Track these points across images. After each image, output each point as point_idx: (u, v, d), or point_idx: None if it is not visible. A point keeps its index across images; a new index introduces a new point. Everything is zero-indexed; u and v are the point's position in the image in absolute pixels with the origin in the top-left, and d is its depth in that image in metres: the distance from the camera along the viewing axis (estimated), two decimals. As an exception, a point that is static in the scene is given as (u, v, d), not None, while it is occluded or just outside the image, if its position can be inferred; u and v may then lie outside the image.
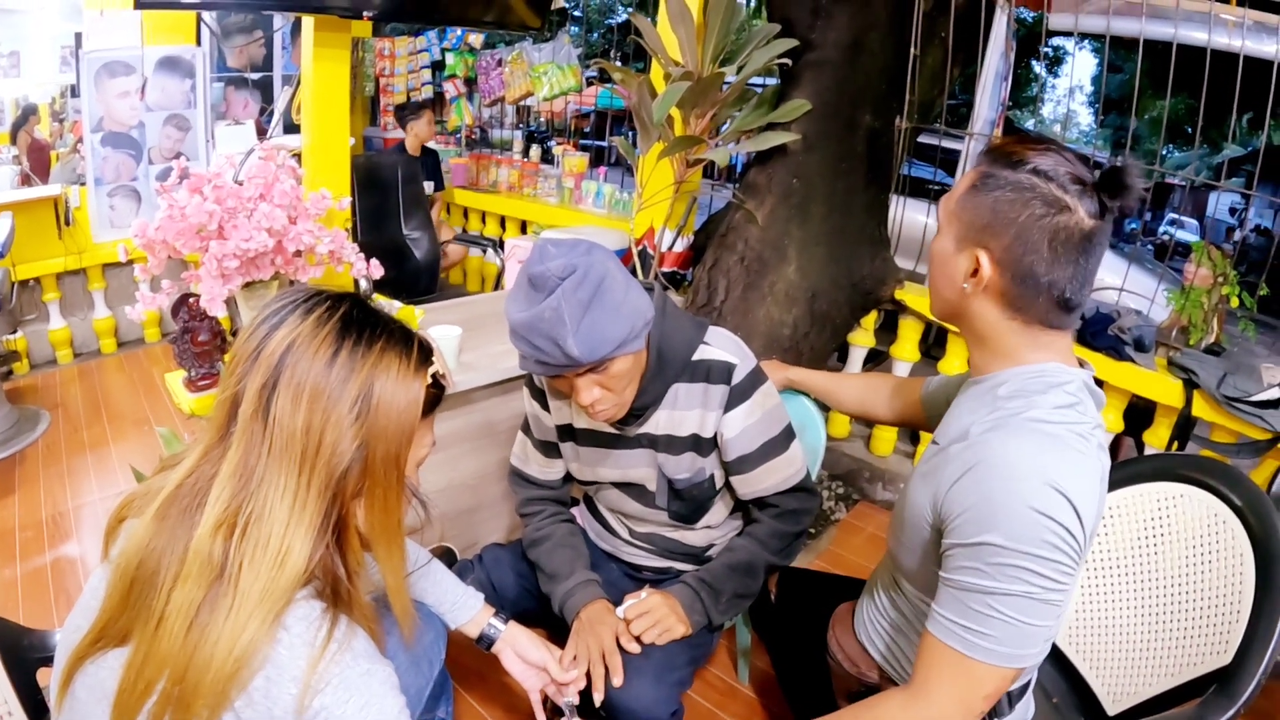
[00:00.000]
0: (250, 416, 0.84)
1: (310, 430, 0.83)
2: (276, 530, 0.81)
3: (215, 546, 0.80)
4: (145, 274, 1.86)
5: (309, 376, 0.84)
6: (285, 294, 0.91)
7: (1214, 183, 8.11)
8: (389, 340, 0.90)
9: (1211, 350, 2.51)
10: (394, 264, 2.35)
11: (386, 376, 0.87)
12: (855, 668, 1.37)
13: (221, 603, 0.79)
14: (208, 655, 0.77)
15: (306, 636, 0.81)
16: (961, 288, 1.08)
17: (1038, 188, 0.99)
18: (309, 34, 2.62)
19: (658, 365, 1.42)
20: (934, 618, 1.03)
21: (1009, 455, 0.98)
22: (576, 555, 1.61)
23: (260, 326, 0.87)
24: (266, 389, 0.84)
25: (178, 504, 0.84)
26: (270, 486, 0.82)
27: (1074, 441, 0.99)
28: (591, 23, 12.02)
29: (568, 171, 4.57)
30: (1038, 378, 1.05)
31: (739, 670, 2.07)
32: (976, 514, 0.98)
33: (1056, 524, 0.93)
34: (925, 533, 1.11)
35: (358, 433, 0.85)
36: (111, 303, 4.25)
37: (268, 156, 1.90)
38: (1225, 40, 2.42)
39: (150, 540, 0.82)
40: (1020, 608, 0.95)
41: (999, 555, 0.95)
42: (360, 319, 0.89)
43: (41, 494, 2.85)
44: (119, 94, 3.96)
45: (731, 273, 2.61)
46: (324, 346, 0.85)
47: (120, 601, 0.82)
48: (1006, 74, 3.19)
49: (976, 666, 0.98)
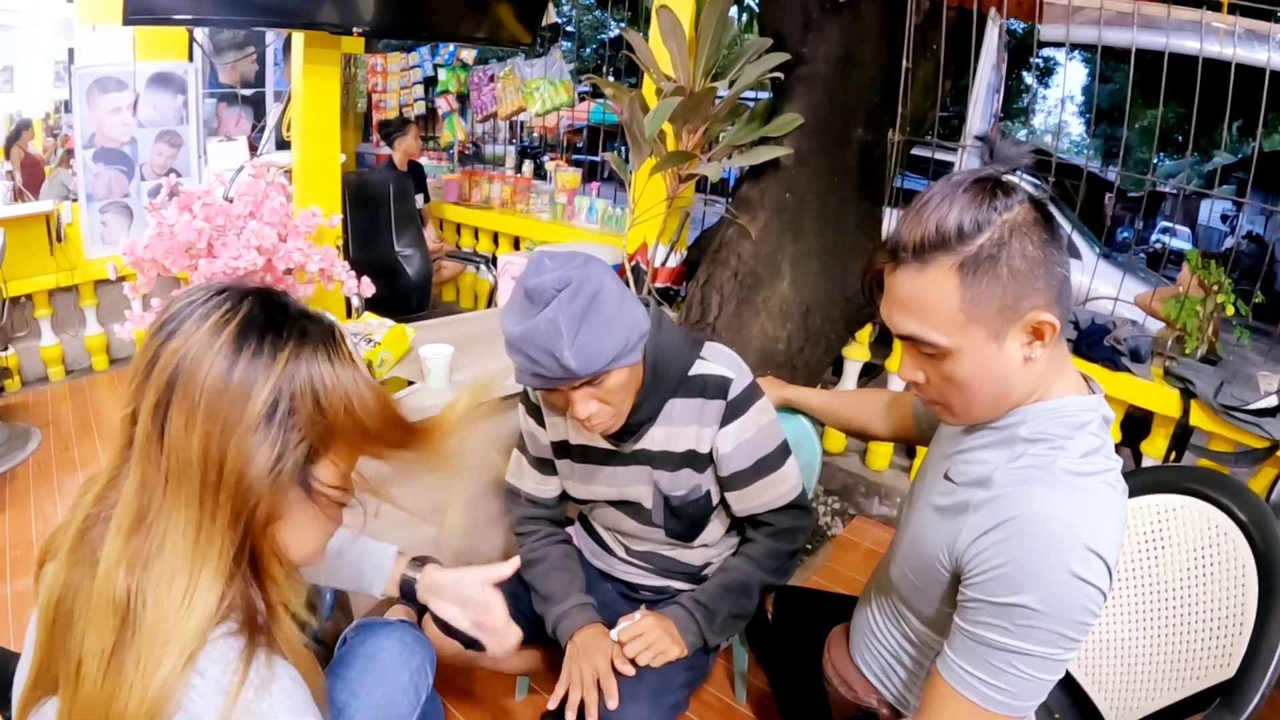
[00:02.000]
0: (145, 440, 0.74)
1: (208, 458, 0.73)
2: (180, 568, 0.72)
3: (119, 585, 0.72)
4: (135, 292, 1.84)
5: (203, 394, 0.73)
6: (189, 292, 0.80)
7: (1206, 191, 8.13)
8: (302, 337, 0.78)
9: (1208, 359, 2.50)
10: (385, 281, 2.34)
11: (306, 375, 0.77)
12: (852, 693, 1.35)
13: (131, 647, 0.71)
14: (123, 704, 0.70)
15: (221, 682, 0.72)
16: (1024, 362, 1.00)
17: (1003, 228, 0.94)
18: (299, 50, 2.62)
19: (653, 381, 1.41)
20: (949, 665, 1.01)
21: (1044, 514, 0.94)
22: (572, 578, 1.59)
23: (157, 334, 0.76)
24: (160, 408, 0.74)
25: (88, 537, 0.76)
26: (169, 521, 0.73)
27: (1104, 493, 0.97)
28: (584, 38, 12.07)
29: (560, 187, 4.56)
30: (1058, 417, 1.01)
31: (736, 691, 2.05)
32: (1008, 574, 0.94)
33: (1092, 587, 0.91)
34: (940, 575, 1.09)
35: (271, 450, 0.75)
36: (103, 320, 4.22)
37: (258, 174, 1.89)
38: (1217, 48, 2.42)
39: (66, 577, 0.75)
40: (1043, 667, 0.94)
41: (1030, 618, 0.92)
42: (265, 320, 0.77)
43: (32, 512, 2.82)
44: (111, 110, 3.95)
45: (725, 288, 2.60)
46: (219, 357, 0.74)
47: (46, 646, 0.76)
48: (999, 85, 3.19)
49: (990, 717, 0.97)
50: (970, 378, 1.00)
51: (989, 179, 0.96)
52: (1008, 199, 0.95)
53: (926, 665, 1.23)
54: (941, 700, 1.01)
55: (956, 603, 1.03)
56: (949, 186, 0.97)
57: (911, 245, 0.97)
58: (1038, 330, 0.97)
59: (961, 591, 1.02)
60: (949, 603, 1.08)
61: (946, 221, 0.94)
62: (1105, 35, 2.56)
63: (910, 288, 0.99)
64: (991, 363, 0.99)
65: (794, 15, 2.59)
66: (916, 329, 1.00)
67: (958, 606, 1.03)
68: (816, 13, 2.56)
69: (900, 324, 1.02)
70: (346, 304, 2.22)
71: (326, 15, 2.49)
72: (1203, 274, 2.52)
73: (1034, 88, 12.67)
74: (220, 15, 2.45)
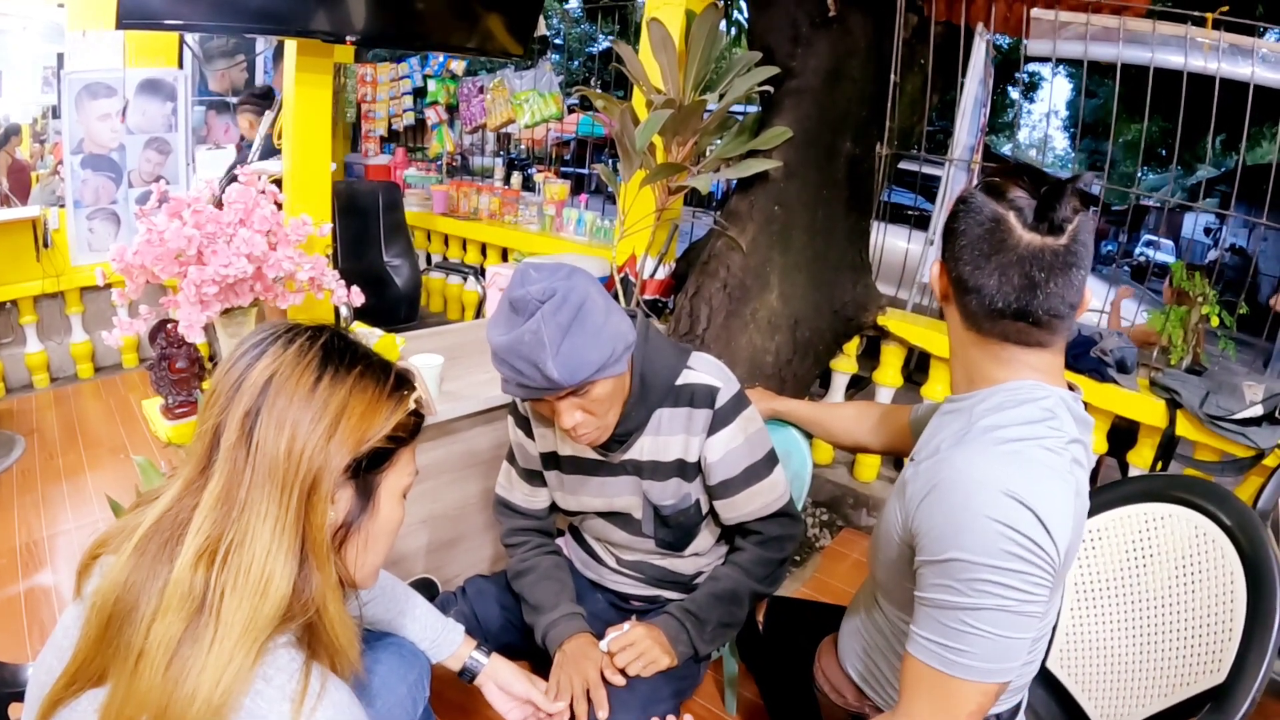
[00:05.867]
0: (233, 445, 0.83)
1: (291, 454, 0.83)
2: (259, 555, 0.80)
3: (196, 578, 0.78)
4: (123, 299, 1.83)
5: (292, 403, 0.84)
6: (263, 328, 0.92)
7: (1190, 204, 8.21)
8: (366, 366, 0.91)
9: (1193, 370, 2.53)
10: (374, 292, 2.33)
11: (360, 400, 0.88)
12: (842, 698, 1.36)
13: (204, 635, 0.77)
14: (190, 691, 0.74)
15: (286, 689, 0.78)
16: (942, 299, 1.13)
17: (985, 205, 1.03)
18: (291, 58, 2.62)
19: (641, 391, 1.42)
20: (913, 638, 1.03)
21: (968, 469, 0.99)
22: (562, 588, 1.59)
23: (241, 359, 0.87)
24: (250, 417, 0.83)
25: (157, 538, 0.82)
26: (253, 513, 0.81)
27: (1038, 454, 0.99)
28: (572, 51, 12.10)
29: (549, 199, 4.57)
30: (1013, 394, 1.05)
31: (726, 700, 2.05)
32: (940, 531, 0.98)
33: (1017, 533, 0.93)
34: (897, 549, 1.12)
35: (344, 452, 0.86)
36: (89, 327, 4.20)
37: (248, 181, 1.89)
38: (1201, 63, 2.45)
39: (128, 576, 0.80)
40: (995, 621, 0.95)
41: (966, 570, 0.95)
42: (340, 348, 0.91)
43: (15, 521, 2.79)
44: (100, 116, 3.94)
45: (714, 300, 2.61)
46: (307, 374, 0.86)
47: (96, 640, 0.79)
48: (985, 100, 3.22)
49: (957, 684, 0.98)
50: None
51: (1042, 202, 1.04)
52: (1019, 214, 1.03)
53: (899, 651, 1.24)
54: (914, 677, 1.03)
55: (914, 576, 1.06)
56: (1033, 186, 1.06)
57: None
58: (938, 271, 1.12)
59: (915, 562, 1.05)
60: (908, 578, 1.10)
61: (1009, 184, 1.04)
62: (1091, 50, 2.59)
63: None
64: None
65: (783, 29, 2.61)
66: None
67: (914, 580, 1.05)
68: (806, 27, 2.59)
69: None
70: (335, 314, 2.21)
71: (320, 23, 2.49)
72: (1188, 285, 2.54)
73: (1019, 102, 12.77)
74: (214, 21, 2.44)
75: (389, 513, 0.96)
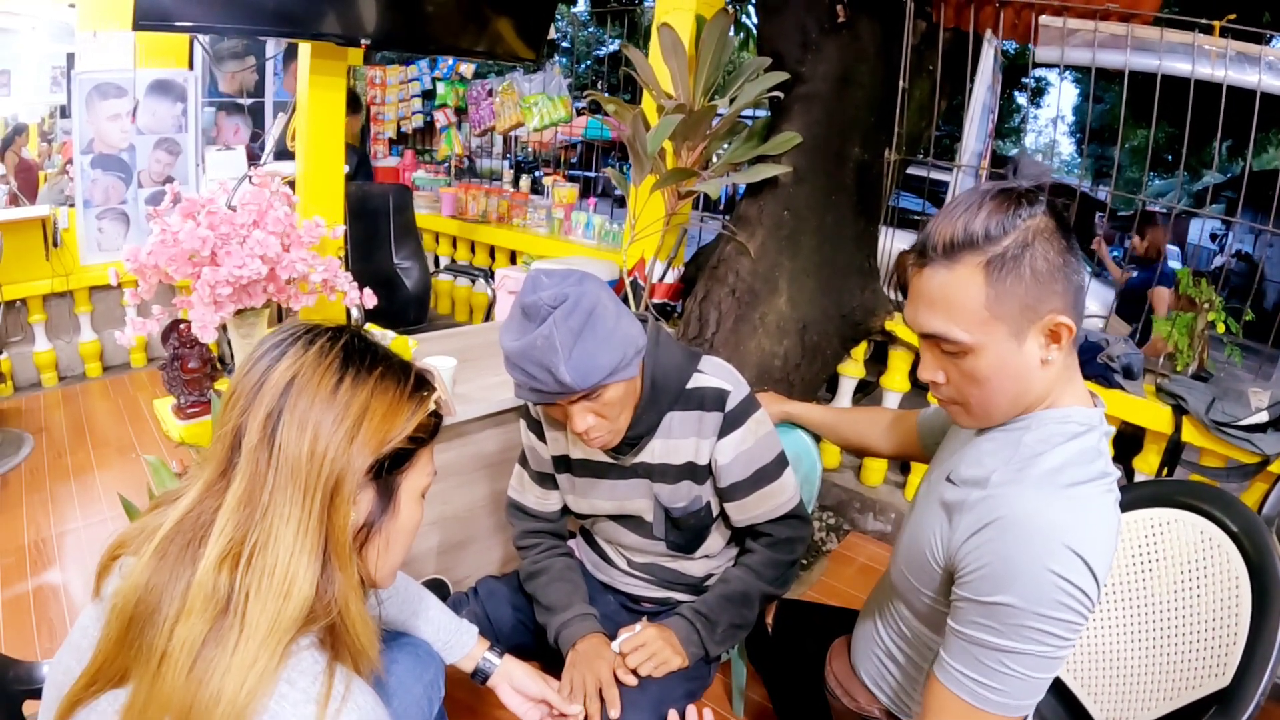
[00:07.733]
0: (255, 447, 0.83)
1: (314, 456, 0.83)
2: (283, 557, 0.80)
3: (220, 580, 0.79)
4: (135, 299, 1.85)
5: (314, 405, 0.85)
6: (281, 329, 0.92)
7: (1195, 210, 8.21)
8: (386, 367, 0.92)
9: (1199, 376, 2.53)
10: (384, 294, 2.34)
11: (382, 401, 0.89)
12: (855, 703, 1.37)
13: (228, 636, 0.77)
14: (214, 693, 0.75)
15: (310, 692, 0.79)
16: (1041, 364, 1.03)
17: (1026, 232, 0.98)
18: (305, 61, 2.63)
19: (652, 394, 1.43)
20: (944, 667, 1.03)
21: (1029, 514, 0.97)
22: (574, 589, 1.60)
23: (261, 360, 0.88)
24: (272, 418, 0.84)
25: (178, 540, 0.82)
26: (276, 515, 0.82)
27: (1094, 498, 1.00)
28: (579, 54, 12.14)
29: (558, 202, 4.58)
30: (1062, 424, 1.05)
31: (734, 703, 2.05)
32: (992, 573, 0.97)
33: (1073, 586, 0.93)
34: (933, 570, 1.11)
35: (367, 452, 0.87)
36: (98, 326, 4.22)
37: (261, 183, 1.90)
38: (1208, 70, 2.45)
39: (150, 577, 0.80)
40: (1034, 665, 0.96)
41: (1015, 616, 0.95)
42: (361, 349, 0.91)
43: (24, 520, 2.81)
44: (110, 116, 3.96)
45: (722, 305, 2.62)
46: (328, 375, 0.86)
47: (117, 641, 0.80)
48: (993, 106, 3.23)
49: (985, 717, 0.99)
50: (990, 375, 1.03)
51: (1013, 189, 1.01)
52: (1031, 207, 0.99)
53: (920, 664, 1.25)
54: (940, 704, 1.03)
55: (949, 601, 1.06)
56: (976, 195, 1.02)
57: (940, 245, 1.02)
58: (1055, 332, 1.00)
59: (954, 592, 1.04)
60: (941, 599, 1.10)
61: (974, 224, 0.99)
62: (1099, 57, 2.60)
63: (937, 284, 1.03)
64: (1010, 361, 1.02)
65: (793, 35, 2.62)
66: (941, 326, 1.03)
67: (951, 608, 1.05)
68: (815, 33, 2.60)
69: (925, 322, 1.06)
70: (346, 315, 2.22)
71: (334, 26, 2.51)
72: (1194, 292, 2.55)
73: (1026, 108, 12.78)
74: (230, 24, 2.46)
75: (409, 513, 0.96)
